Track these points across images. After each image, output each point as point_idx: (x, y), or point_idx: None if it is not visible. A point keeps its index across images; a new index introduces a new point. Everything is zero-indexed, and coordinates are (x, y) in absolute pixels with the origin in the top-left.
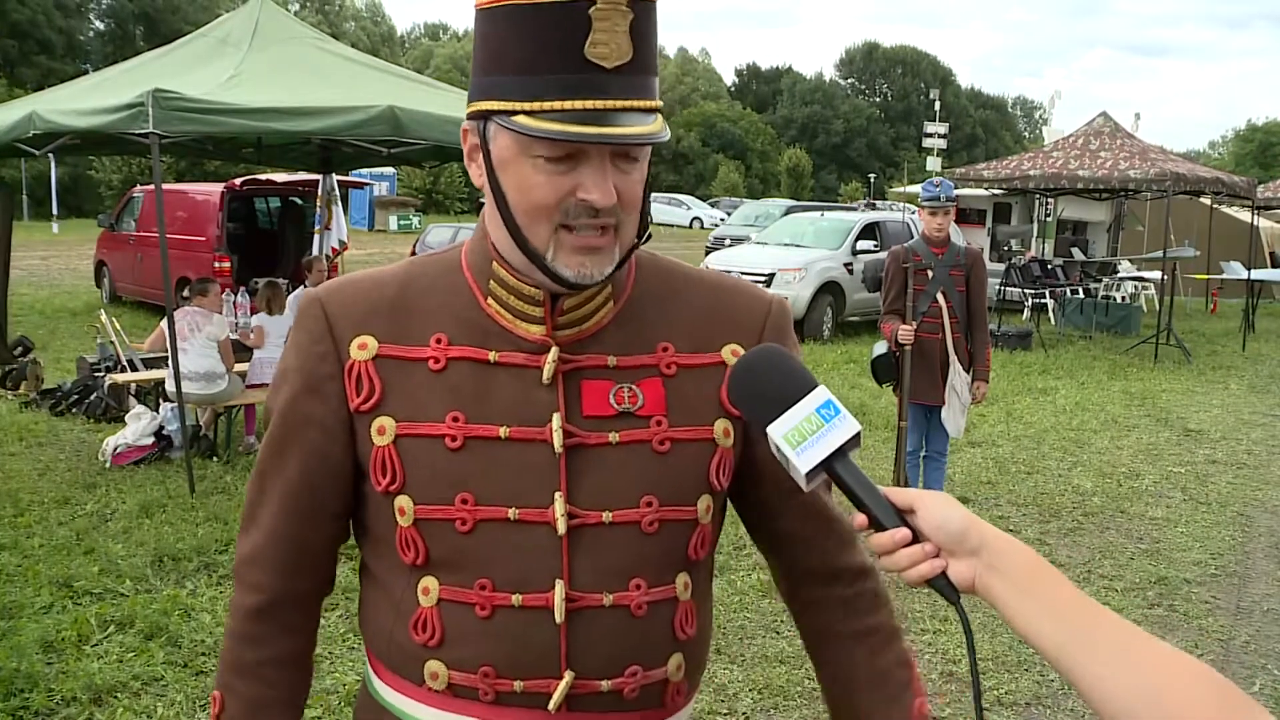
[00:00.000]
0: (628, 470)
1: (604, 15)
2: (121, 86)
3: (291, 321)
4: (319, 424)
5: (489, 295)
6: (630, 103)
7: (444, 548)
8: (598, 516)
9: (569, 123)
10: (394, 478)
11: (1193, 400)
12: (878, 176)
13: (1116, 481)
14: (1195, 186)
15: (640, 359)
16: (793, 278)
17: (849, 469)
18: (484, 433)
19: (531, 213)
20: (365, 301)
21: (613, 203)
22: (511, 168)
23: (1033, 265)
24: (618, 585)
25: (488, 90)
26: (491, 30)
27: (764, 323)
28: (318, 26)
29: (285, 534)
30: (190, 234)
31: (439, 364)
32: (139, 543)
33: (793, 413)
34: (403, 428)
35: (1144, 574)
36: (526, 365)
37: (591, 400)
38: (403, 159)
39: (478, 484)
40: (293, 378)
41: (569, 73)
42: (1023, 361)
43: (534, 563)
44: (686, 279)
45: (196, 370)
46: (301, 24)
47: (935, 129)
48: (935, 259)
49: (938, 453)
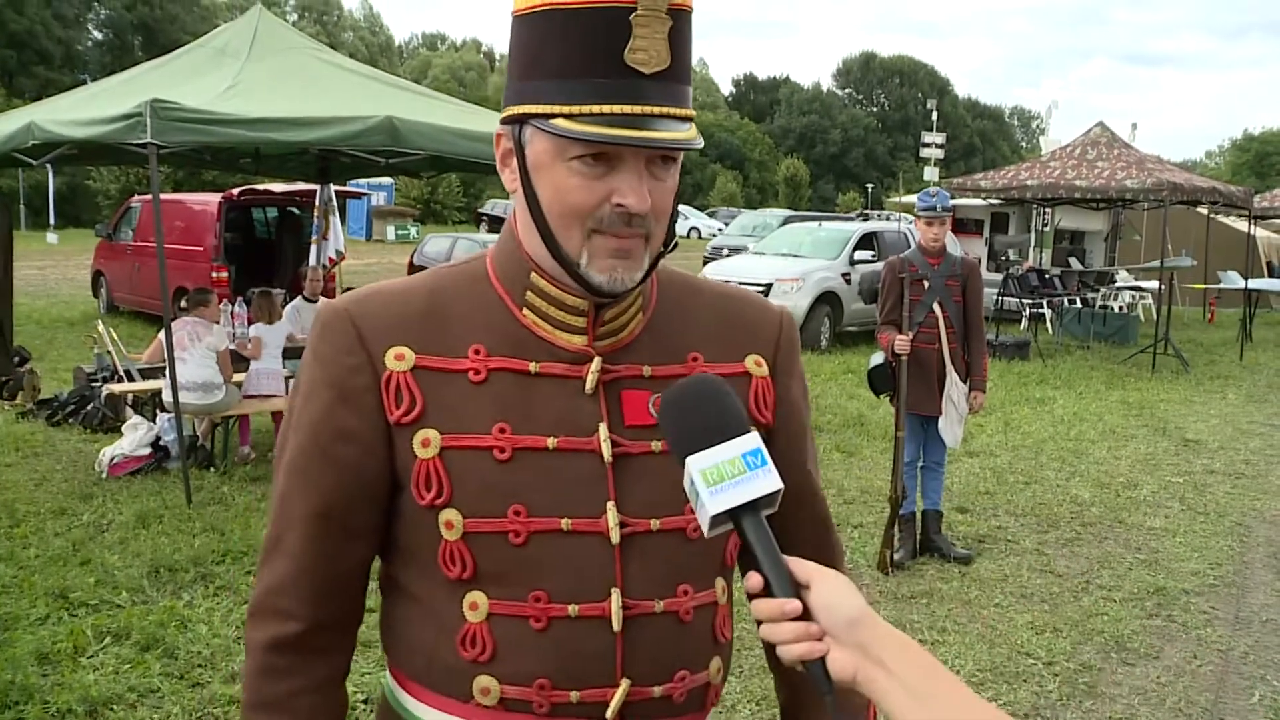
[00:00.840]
0: (671, 478)
1: (644, 21)
2: (120, 97)
3: (289, 330)
4: (354, 438)
5: (524, 306)
6: (667, 109)
7: (494, 561)
8: (646, 524)
9: (607, 126)
10: (440, 491)
11: (1190, 410)
12: (875, 186)
13: (1114, 491)
14: (1192, 196)
15: (673, 368)
16: (790, 288)
17: (757, 526)
18: (532, 444)
19: (566, 216)
20: (394, 312)
21: (648, 208)
22: (547, 171)
23: (1030, 275)
24: (667, 592)
25: (524, 94)
26: (529, 35)
27: (779, 334)
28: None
29: (318, 558)
30: (188, 244)
31: (479, 375)
32: (135, 554)
33: (718, 450)
34: (448, 440)
35: (1142, 584)
36: (567, 376)
37: (632, 409)
38: (400, 169)
39: (529, 496)
40: (322, 391)
41: (608, 77)
42: (1020, 371)
43: (588, 573)
44: (701, 289)
45: (194, 380)
46: (300, 34)
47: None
48: (931, 269)
49: (935, 463)
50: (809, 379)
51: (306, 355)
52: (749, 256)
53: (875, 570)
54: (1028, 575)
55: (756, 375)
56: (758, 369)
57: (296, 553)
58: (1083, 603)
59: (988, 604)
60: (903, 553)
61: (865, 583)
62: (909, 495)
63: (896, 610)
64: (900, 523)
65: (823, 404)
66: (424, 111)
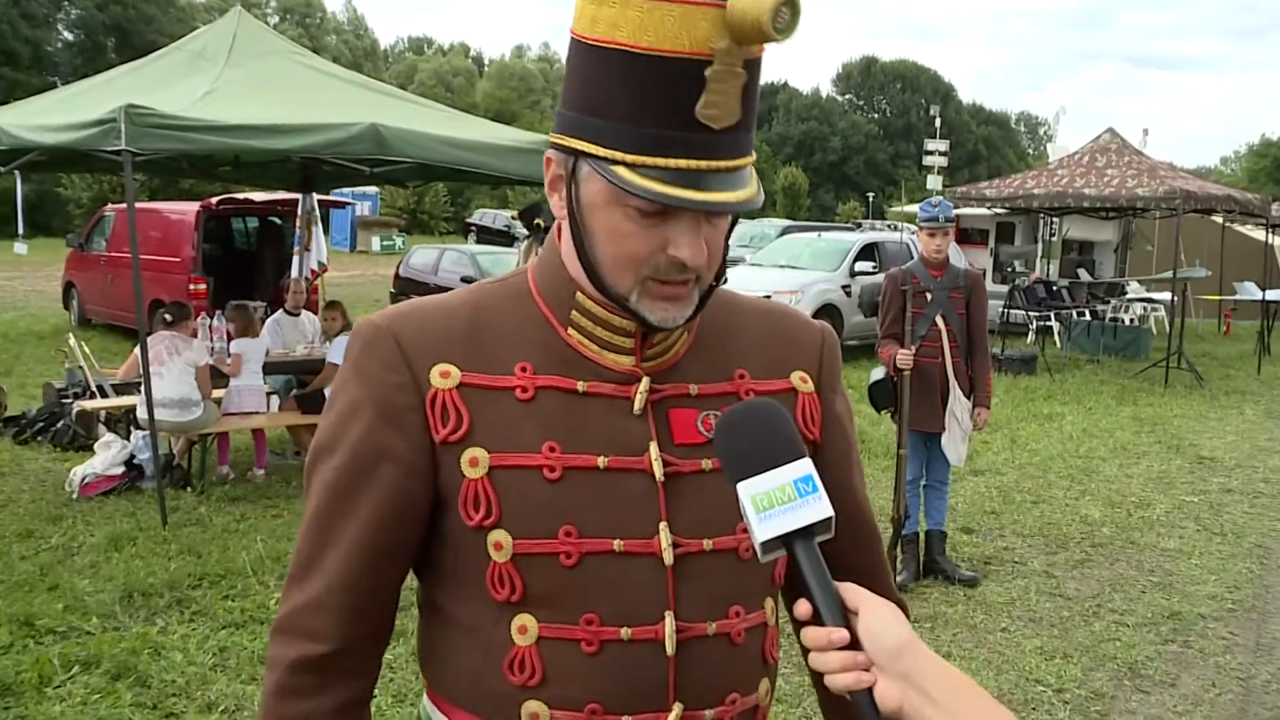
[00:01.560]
0: (723, 497)
1: (720, 77)
2: (92, 101)
3: (269, 345)
4: (400, 459)
5: (570, 325)
6: (731, 162)
7: (544, 583)
8: (699, 545)
9: (669, 182)
10: (489, 511)
11: (1205, 426)
12: (876, 195)
13: (1126, 511)
14: (1206, 204)
15: (720, 386)
16: (789, 300)
17: (809, 553)
18: (582, 463)
19: (621, 260)
20: (438, 329)
21: (703, 261)
22: (601, 213)
23: (1037, 287)
24: (719, 613)
25: (584, 129)
26: (594, 69)
27: (821, 350)
28: (298, 40)
29: (356, 579)
30: (164, 255)
31: (527, 393)
32: (107, 578)
33: (769, 476)
34: (496, 459)
35: (1157, 608)
36: (615, 396)
37: (681, 428)
38: (386, 178)
39: (581, 516)
40: (365, 410)
41: (676, 130)
42: (1027, 386)
43: (641, 594)
44: (742, 306)
45: (171, 396)
46: (281, 38)
47: (936, 146)
48: (934, 281)
49: (939, 481)
50: None
51: (346, 372)
52: (746, 268)
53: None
54: (1036, 598)
55: (803, 391)
56: (803, 385)
57: (333, 573)
58: (1094, 627)
59: (994, 628)
60: (906, 575)
61: None
62: (912, 515)
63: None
64: (903, 544)
65: None
66: (410, 118)
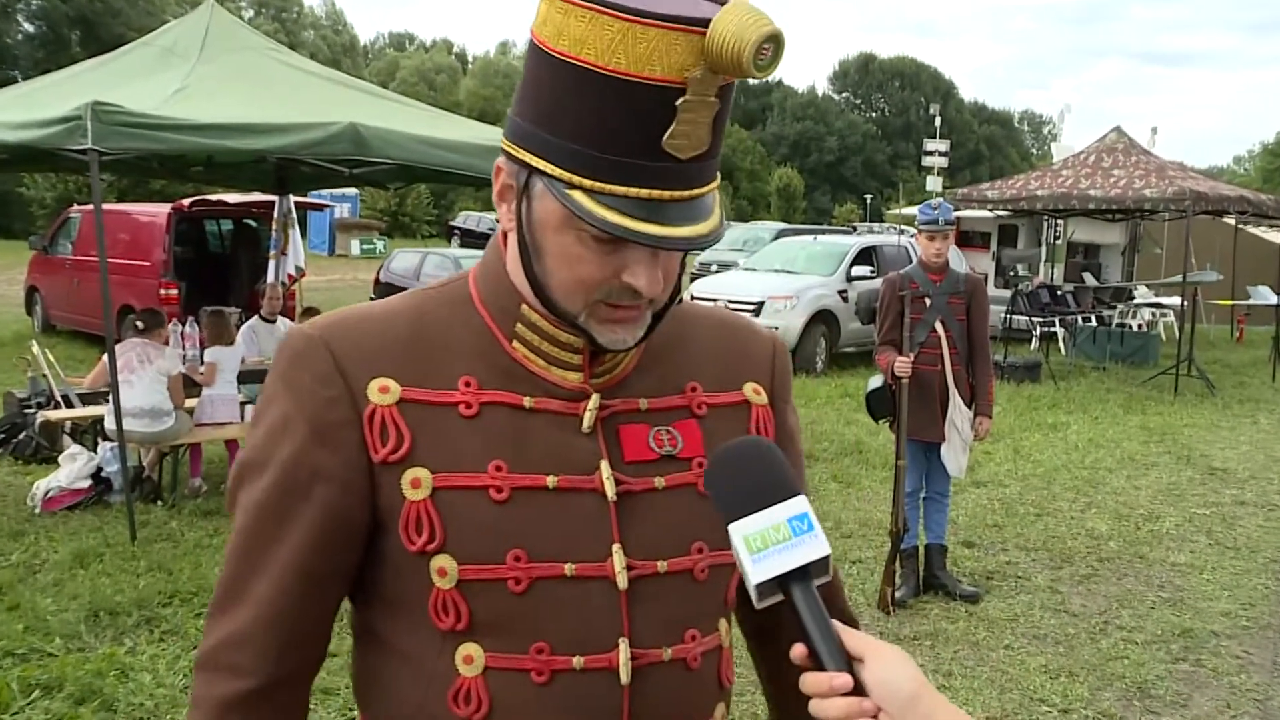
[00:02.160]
0: (677, 515)
1: (692, 107)
2: (56, 97)
3: (244, 353)
4: (334, 479)
5: (514, 338)
6: (694, 191)
7: (492, 610)
8: (653, 566)
9: (629, 213)
10: (432, 535)
11: (1217, 436)
12: (874, 197)
13: (1134, 524)
14: (1218, 206)
15: (671, 400)
16: (783, 306)
17: (807, 594)
18: (530, 483)
19: (571, 284)
20: (376, 339)
21: (659, 291)
22: (554, 235)
23: (1041, 291)
24: (675, 638)
25: (542, 146)
26: (557, 83)
27: (773, 362)
28: (273, 35)
29: (287, 608)
30: (133, 258)
31: (471, 409)
32: (71, 596)
33: (762, 515)
34: (440, 479)
35: (1167, 625)
36: (563, 412)
37: (632, 445)
38: (366, 179)
39: (530, 539)
40: (295, 426)
41: (640, 159)
42: (1031, 395)
43: (594, 621)
44: (693, 316)
45: (141, 406)
46: (255, 32)
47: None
48: (933, 286)
49: (939, 493)
50: (803, 403)
51: (273, 385)
52: (739, 273)
53: (875, 609)
54: (1040, 615)
55: (756, 403)
56: (757, 397)
57: (263, 602)
58: (1101, 645)
59: (997, 646)
60: (905, 590)
61: (865, 622)
62: (911, 528)
63: (910, 652)
64: (902, 558)
65: (818, 430)
66: (391, 117)
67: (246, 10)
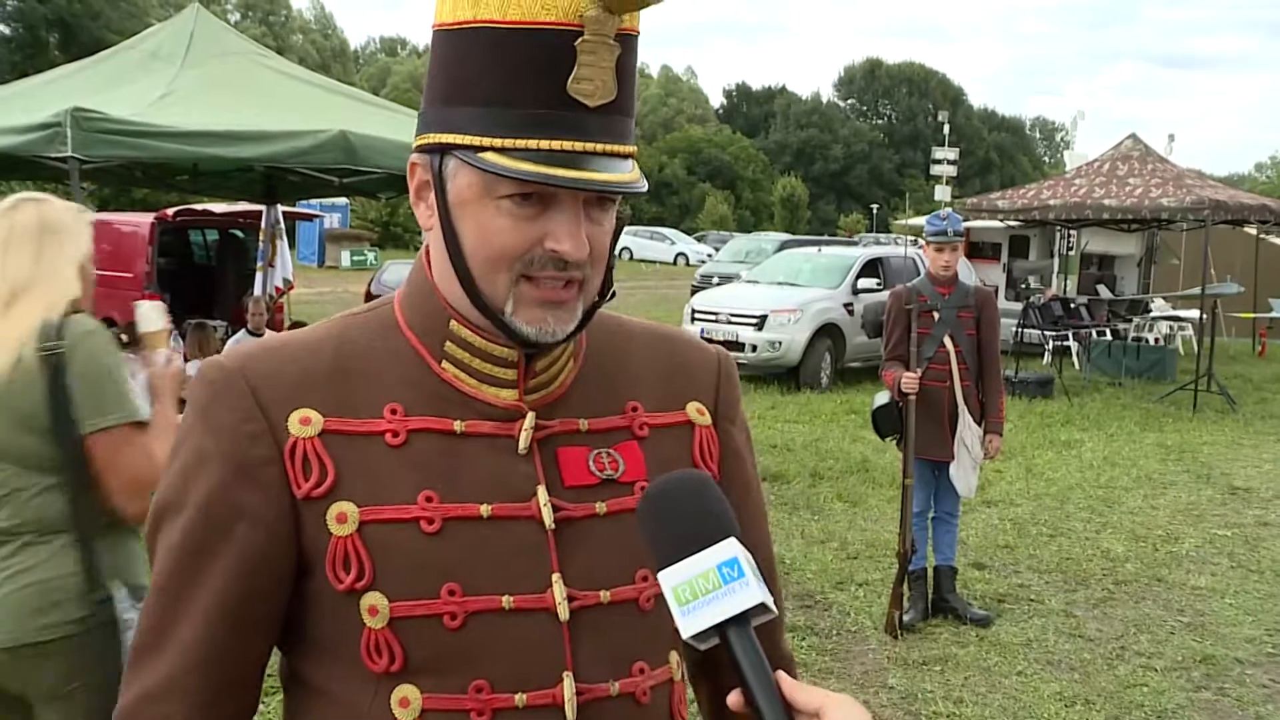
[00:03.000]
0: (619, 543)
1: (590, 49)
2: (34, 103)
3: None
4: (254, 517)
5: (444, 358)
6: (610, 146)
7: (427, 649)
8: (596, 597)
9: (543, 163)
10: (361, 573)
11: (1239, 454)
12: (881, 207)
13: (1152, 545)
14: (1238, 215)
15: (612, 421)
16: (787, 320)
17: (743, 640)
18: (463, 513)
19: (492, 260)
20: (296, 370)
21: (585, 255)
22: (471, 209)
23: (1054, 304)
24: (622, 672)
25: (448, 122)
26: (456, 54)
27: (718, 377)
28: (261, 40)
29: (211, 657)
30: (115, 269)
31: (398, 438)
32: None
33: (690, 563)
34: (367, 513)
35: (1187, 651)
36: (497, 434)
37: (571, 469)
38: (356, 189)
39: (464, 572)
40: (214, 464)
41: (547, 108)
42: (1043, 411)
43: (535, 656)
44: (633, 331)
45: None
46: (242, 37)
47: (944, 154)
48: (941, 299)
49: (948, 514)
50: (808, 419)
51: (189, 420)
52: (741, 285)
53: (883, 633)
54: (1054, 639)
55: (699, 424)
56: (700, 417)
57: (186, 650)
58: (1118, 671)
59: (1010, 672)
60: (913, 613)
61: (872, 647)
62: (919, 549)
63: (907, 678)
64: (910, 580)
65: (824, 448)
66: (382, 125)
67: (233, 14)
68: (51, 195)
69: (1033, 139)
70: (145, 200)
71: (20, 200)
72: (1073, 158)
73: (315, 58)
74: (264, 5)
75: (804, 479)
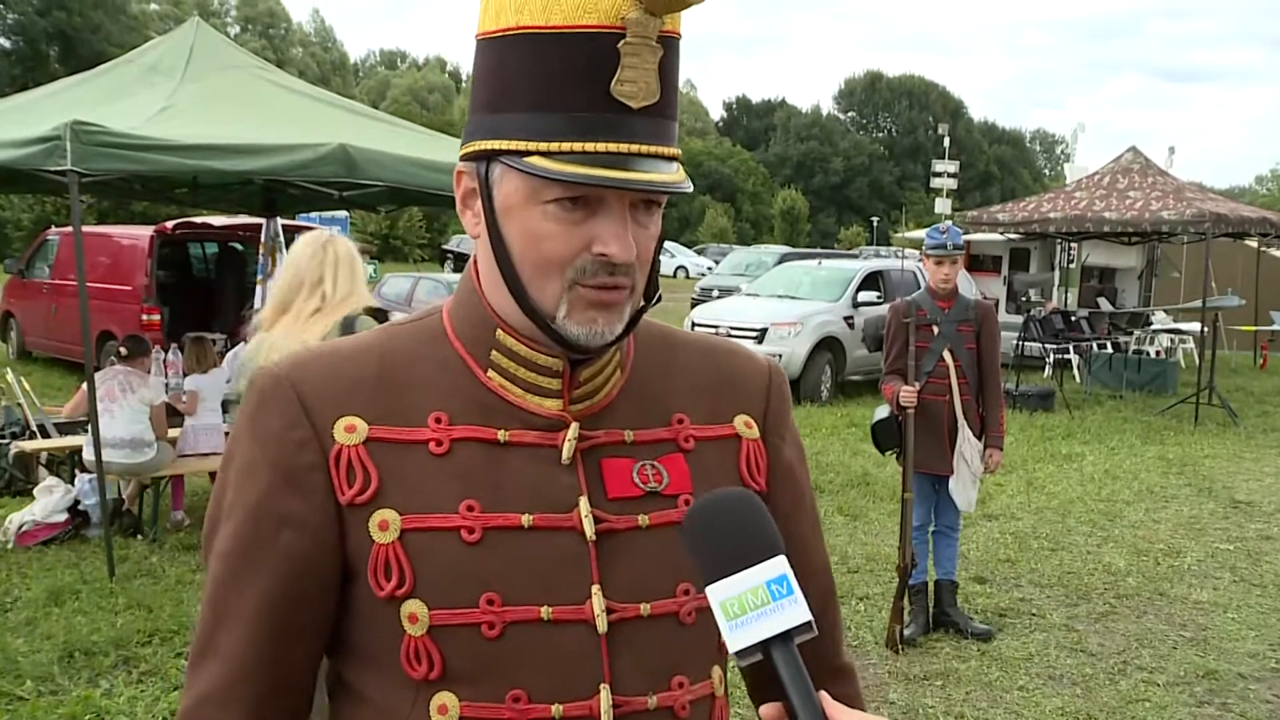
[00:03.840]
0: (662, 556)
1: (634, 50)
2: (34, 116)
3: (226, 380)
4: (301, 523)
5: (489, 367)
6: (655, 148)
7: (466, 658)
8: (636, 609)
9: (589, 165)
10: (401, 580)
11: (1240, 468)
12: (881, 220)
13: (1154, 560)
14: (1239, 228)
15: (657, 433)
16: (787, 333)
17: (788, 658)
18: (504, 522)
19: (541, 266)
20: (343, 377)
21: (633, 257)
22: (519, 215)
23: (1054, 317)
24: (661, 685)
25: (493, 129)
26: (499, 62)
27: (768, 391)
28: (261, 53)
29: (260, 661)
30: (114, 282)
31: (442, 446)
32: (45, 636)
33: (740, 578)
34: (409, 521)
35: (1189, 666)
36: (541, 444)
37: (615, 480)
38: (356, 202)
39: (504, 582)
40: (262, 471)
41: (592, 111)
42: (1044, 424)
43: (573, 667)
44: (683, 343)
45: (122, 437)
46: (242, 51)
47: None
48: (941, 313)
49: (948, 528)
50: (808, 433)
51: (240, 428)
52: (741, 298)
53: (883, 648)
54: (1056, 654)
55: (747, 438)
56: (748, 431)
57: (235, 655)
58: (1120, 687)
59: (1011, 687)
60: (914, 628)
61: (872, 661)
62: (920, 563)
63: (908, 693)
64: (910, 594)
65: (824, 461)
66: (382, 138)
67: (232, 27)
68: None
69: (1033, 152)
70: (144, 213)
71: (328, 237)
72: (1073, 170)
73: (315, 71)
74: (264, 18)
75: None
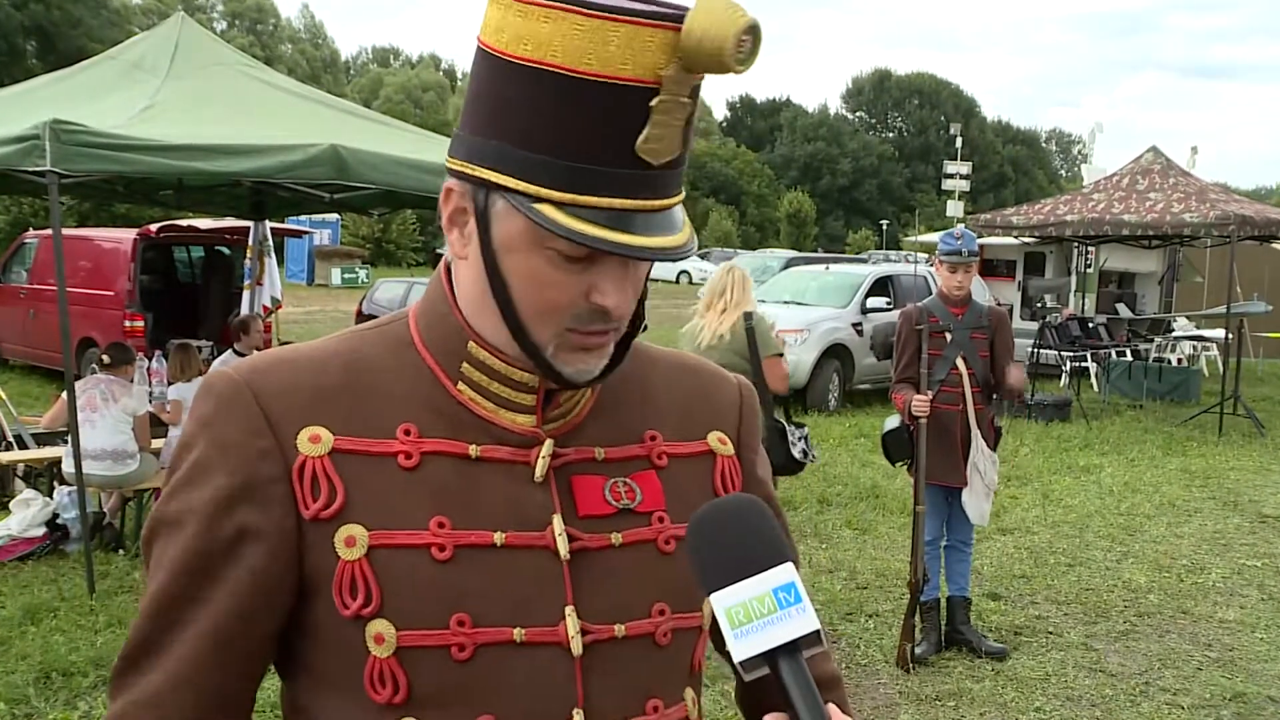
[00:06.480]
0: (636, 575)
1: (666, 109)
2: (11, 114)
3: None
4: (259, 537)
5: (460, 379)
6: (665, 202)
7: (433, 681)
8: (610, 630)
9: (602, 224)
10: (368, 599)
11: (1267, 480)
12: (891, 223)
13: (1177, 576)
14: (1265, 230)
15: (629, 449)
16: (794, 340)
17: (796, 670)
18: (476, 540)
19: (543, 310)
20: (307, 385)
21: (629, 311)
22: (520, 257)
23: (1071, 324)
24: (636, 709)
25: (498, 159)
26: (519, 92)
27: (740, 408)
28: (248, 50)
29: (204, 678)
30: (95, 287)
31: (412, 459)
32: (20, 656)
33: (745, 585)
34: (376, 537)
35: (1215, 688)
36: (513, 460)
37: (586, 498)
38: (347, 205)
39: (475, 602)
40: (219, 481)
41: (610, 166)
42: (1061, 435)
43: (546, 691)
44: (653, 358)
45: (104, 448)
46: (229, 47)
47: (957, 168)
48: (954, 320)
49: (961, 542)
50: (816, 443)
51: (194, 431)
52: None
53: (894, 667)
54: (1074, 674)
55: (721, 454)
56: (722, 447)
57: (177, 667)
58: (1141, 708)
59: (1027, 708)
60: (925, 646)
61: (883, 681)
62: (932, 579)
63: (920, 714)
64: (922, 611)
65: (832, 473)
66: (374, 139)
67: (219, 22)
68: None
69: (1049, 152)
70: (127, 215)
71: (731, 265)
72: (1090, 172)
73: (305, 68)
74: (252, 14)
75: (811, 505)
